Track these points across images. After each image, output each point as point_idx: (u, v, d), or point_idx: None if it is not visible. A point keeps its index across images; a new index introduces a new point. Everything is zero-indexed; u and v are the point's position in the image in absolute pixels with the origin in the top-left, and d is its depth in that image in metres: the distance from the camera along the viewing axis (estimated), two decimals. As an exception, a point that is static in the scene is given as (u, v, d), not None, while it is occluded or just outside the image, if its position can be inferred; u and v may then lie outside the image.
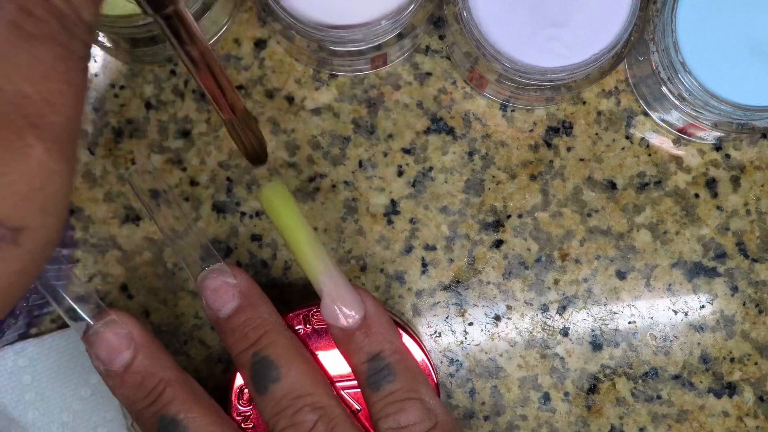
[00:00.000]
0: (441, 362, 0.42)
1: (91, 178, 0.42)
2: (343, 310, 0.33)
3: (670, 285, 0.42)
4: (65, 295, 0.32)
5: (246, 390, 0.36)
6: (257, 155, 0.34)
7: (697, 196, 0.42)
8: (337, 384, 0.35)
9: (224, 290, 0.33)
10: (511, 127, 0.42)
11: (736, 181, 0.42)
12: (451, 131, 0.42)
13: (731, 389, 0.42)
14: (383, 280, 0.42)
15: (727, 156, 0.42)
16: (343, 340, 0.33)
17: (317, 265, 0.33)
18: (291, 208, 0.33)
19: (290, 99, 0.42)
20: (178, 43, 0.28)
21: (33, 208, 0.20)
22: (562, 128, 0.42)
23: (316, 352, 0.36)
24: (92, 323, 0.32)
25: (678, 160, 0.42)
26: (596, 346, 0.42)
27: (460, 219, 0.42)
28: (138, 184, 0.33)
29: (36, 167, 0.20)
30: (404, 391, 0.33)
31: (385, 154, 0.42)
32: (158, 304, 0.42)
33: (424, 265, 0.42)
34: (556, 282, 0.42)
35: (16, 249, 0.20)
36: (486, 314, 0.42)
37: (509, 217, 0.42)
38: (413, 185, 0.42)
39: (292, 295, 0.42)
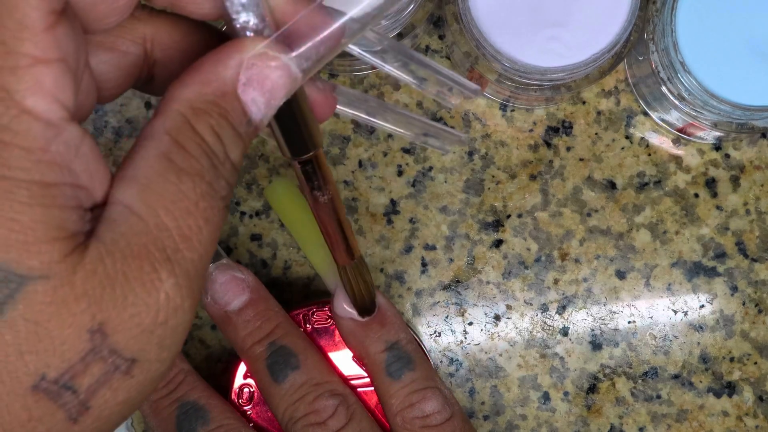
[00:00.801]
0: (441, 362, 0.42)
1: (91, 177, 0.42)
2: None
3: (669, 285, 0.42)
4: None
5: (246, 390, 0.36)
6: (365, 304, 0.34)
7: (696, 195, 0.42)
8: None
9: (234, 284, 0.34)
10: (510, 127, 0.42)
11: (735, 181, 0.42)
12: (450, 131, 0.42)
13: (731, 389, 0.42)
14: (383, 280, 0.42)
15: (727, 156, 0.42)
16: (357, 332, 0.34)
17: (328, 261, 0.34)
18: (299, 204, 0.34)
19: (290, 99, 0.42)
20: (309, 186, 0.27)
21: (152, 342, 0.21)
22: (561, 128, 0.42)
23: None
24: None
25: (678, 159, 0.42)
26: (596, 345, 0.42)
27: (460, 219, 0.42)
28: None
29: (163, 301, 0.20)
30: (423, 380, 0.33)
31: (385, 154, 0.42)
32: (158, 304, 0.42)
33: (424, 264, 0.42)
34: (556, 282, 0.42)
35: (128, 380, 0.20)
36: (486, 314, 0.42)
37: (509, 216, 0.42)
38: (413, 185, 0.42)
39: (292, 295, 0.42)
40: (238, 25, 0.21)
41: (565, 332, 0.42)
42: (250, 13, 0.21)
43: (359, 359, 0.35)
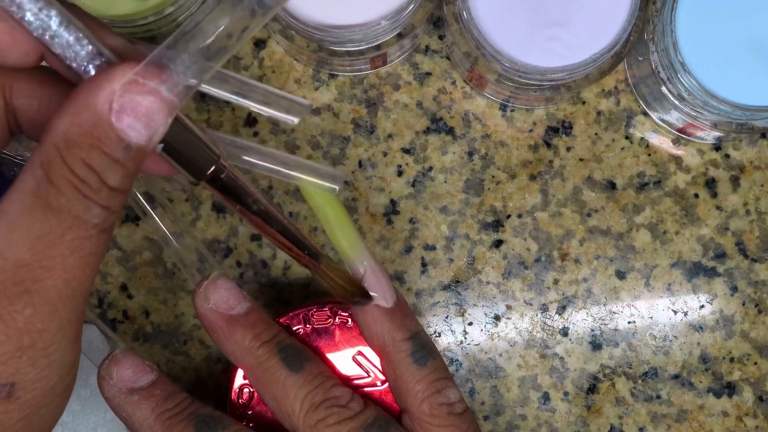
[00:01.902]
0: (441, 362, 0.42)
1: (91, 178, 0.42)
2: (386, 289, 0.34)
3: (669, 285, 0.42)
4: None
5: (246, 390, 0.36)
6: (353, 296, 0.33)
7: (696, 196, 0.42)
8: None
9: (237, 291, 0.34)
10: (510, 127, 0.42)
11: (735, 181, 0.42)
12: (450, 131, 0.42)
13: (731, 389, 0.42)
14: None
15: (727, 156, 0.42)
16: (383, 319, 0.34)
17: (357, 247, 0.34)
18: (334, 198, 0.34)
19: (290, 99, 0.42)
20: (232, 202, 0.27)
21: (23, 363, 0.23)
22: (561, 128, 0.42)
23: (316, 353, 0.36)
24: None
25: (677, 159, 0.42)
26: (596, 346, 0.42)
27: (460, 219, 0.42)
28: (135, 190, 0.33)
29: (23, 328, 0.22)
30: (444, 370, 0.34)
31: (385, 154, 0.42)
32: (158, 304, 0.42)
33: (424, 264, 0.42)
34: (556, 282, 0.42)
35: (13, 402, 0.23)
36: (486, 314, 0.42)
37: (509, 217, 0.42)
38: (413, 185, 0.42)
39: (292, 295, 0.42)
40: (82, 67, 0.22)
41: (565, 332, 0.42)
42: (86, 50, 0.22)
43: (380, 348, 0.34)
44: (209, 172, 0.25)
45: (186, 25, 0.22)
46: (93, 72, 0.22)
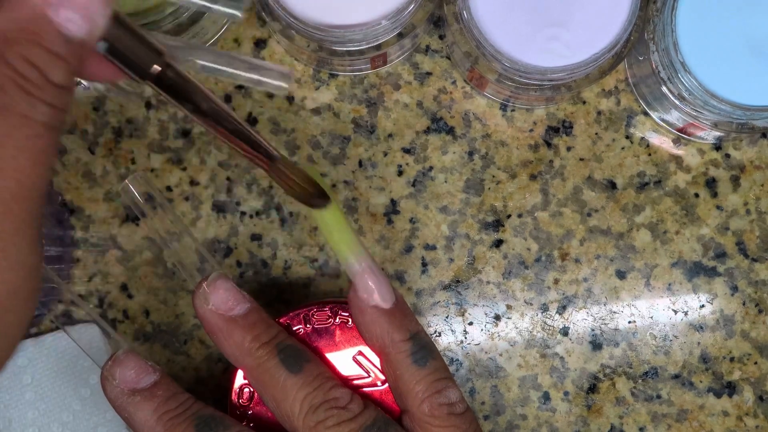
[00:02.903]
0: (441, 362, 0.42)
1: (91, 178, 0.42)
2: (384, 290, 0.33)
3: (669, 285, 0.42)
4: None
5: (246, 390, 0.36)
6: (310, 197, 0.32)
7: (696, 195, 0.42)
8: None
9: (237, 291, 0.34)
10: (511, 127, 0.42)
11: (735, 181, 0.42)
12: (451, 131, 0.42)
13: (731, 389, 0.42)
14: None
15: (727, 156, 0.42)
16: (381, 320, 0.34)
17: (355, 247, 0.33)
18: (329, 189, 0.33)
19: (290, 99, 0.42)
20: (181, 103, 0.26)
21: None
22: (562, 128, 0.42)
23: (316, 352, 0.36)
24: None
25: (678, 159, 0.42)
26: (596, 345, 0.42)
27: (460, 219, 0.42)
28: (134, 189, 0.33)
29: None
30: (444, 370, 0.34)
31: (385, 154, 0.42)
32: (158, 304, 0.42)
33: (424, 264, 0.42)
34: (556, 282, 0.42)
35: None
36: (486, 314, 0.42)
37: (509, 216, 0.42)
38: (413, 185, 0.42)
39: (292, 295, 0.42)
40: None
41: (565, 332, 0.42)
42: None
43: (379, 349, 0.34)
44: (154, 70, 0.25)
45: None
46: None
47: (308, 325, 0.36)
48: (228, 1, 0.28)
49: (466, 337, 0.42)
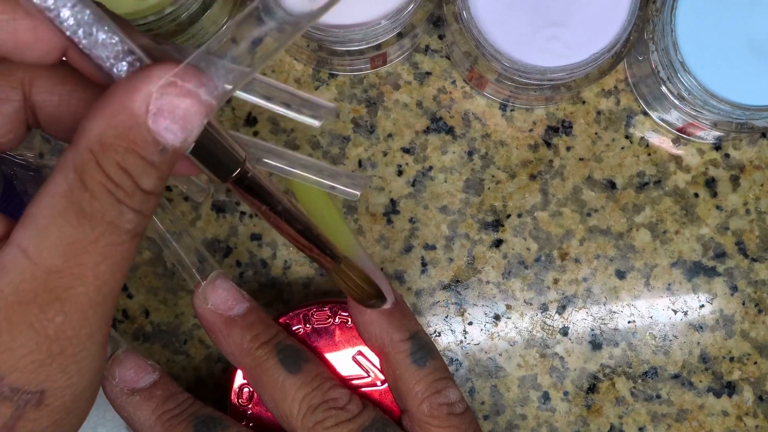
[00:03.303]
0: (441, 362, 0.42)
1: (91, 177, 0.42)
2: (384, 290, 0.34)
3: (669, 284, 0.42)
4: None
5: (246, 390, 0.36)
6: (369, 298, 0.33)
7: (696, 195, 0.42)
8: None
9: (236, 291, 0.34)
10: (510, 127, 0.42)
11: (735, 181, 0.42)
12: (450, 131, 0.42)
13: (731, 389, 0.42)
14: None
15: (727, 155, 0.42)
16: (381, 320, 0.34)
17: (353, 249, 0.33)
18: (321, 191, 0.33)
19: (290, 98, 0.42)
20: (255, 204, 0.27)
21: (53, 371, 0.22)
22: (561, 128, 0.42)
23: (316, 352, 0.36)
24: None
25: (677, 159, 0.42)
26: (596, 345, 0.42)
27: (460, 218, 0.42)
28: None
29: (53, 336, 0.22)
30: (444, 370, 0.34)
31: (385, 154, 0.42)
32: (158, 304, 0.42)
33: (424, 264, 0.42)
34: (556, 281, 0.42)
35: (44, 408, 0.23)
36: (485, 314, 0.42)
37: (509, 216, 0.42)
38: (413, 185, 0.42)
39: (292, 295, 0.42)
40: (109, 64, 0.22)
41: (565, 332, 0.42)
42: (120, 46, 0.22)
43: (379, 349, 0.34)
44: (235, 174, 0.25)
45: (222, 33, 0.22)
46: (125, 71, 0.22)
47: (308, 325, 0.36)
48: (313, 105, 0.28)
49: (465, 337, 0.42)
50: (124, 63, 0.22)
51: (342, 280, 0.32)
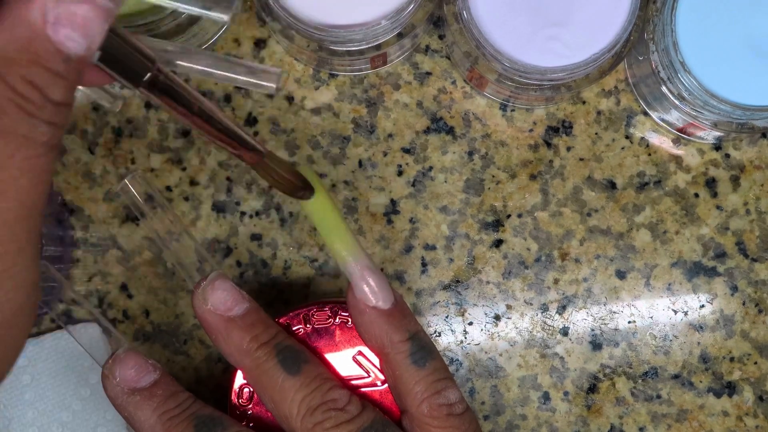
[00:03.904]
0: (441, 362, 0.42)
1: (91, 177, 0.42)
2: (383, 291, 0.33)
3: (669, 284, 0.42)
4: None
5: (246, 390, 0.36)
6: (295, 189, 0.32)
7: (696, 195, 0.42)
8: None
9: (235, 291, 0.34)
10: (510, 127, 0.42)
11: (735, 181, 0.42)
12: (450, 131, 0.42)
13: (731, 389, 0.42)
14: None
15: (727, 155, 0.42)
16: (380, 321, 0.34)
17: (353, 249, 0.33)
18: (322, 191, 0.33)
19: (290, 98, 0.42)
20: (171, 106, 0.27)
21: None
22: (561, 128, 0.42)
23: (316, 352, 0.36)
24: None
25: (678, 159, 0.42)
26: (596, 345, 0.42)
27: (460, 218, 0.42)
28: (133, 190, 0.33)
29: None
30: (444, 370, 0.34)
31: (385, 154, 0.42)
32: (158, 304, 0.42)
33: (424, 264, 0.42)
34: (556, 281, 0.42)
35: None
36: (486, 314, 0.42)
37: (509, 216, 0.42)
38: (413, 185, 0.42)
39: (292, 295, 0.42)
40: None
41: (565, 332, 0.42)
42: None
43: (378, 350, 0.34)
44: (146, 77, 0.25)
45: None
46: None
47: (308, 325, 0.36)
48: (218, 7, 0.28)
49: (465, 337, 0.42)
50: None
51: (268, 175, 0.31)
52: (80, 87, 0.39)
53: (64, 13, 0.21)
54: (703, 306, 0.42)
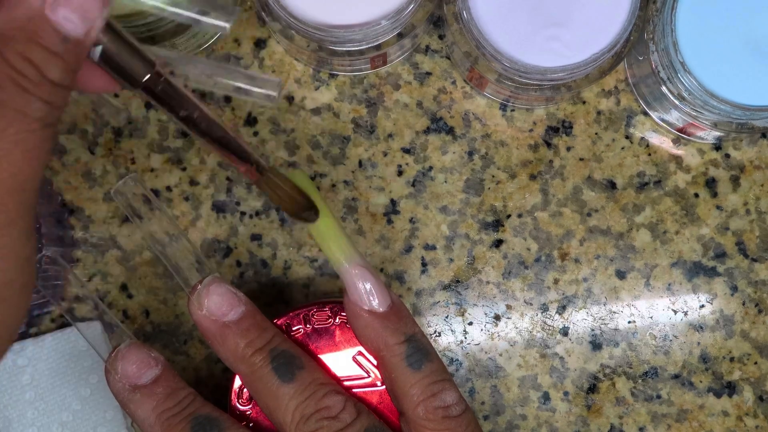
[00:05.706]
0: (441, 362, 0.42)
1: (91, 177, 0.42)
2: (378, 294, 0.33)
3: (669, 284, 0.42)
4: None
5: (246, 390, 0.36)
6: (298, 210, 0.32)
7: (696, 195, 0.42)
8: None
9: (231, 296, 0.33)
10: (510, 127, 0.42)
11: (735, 181, 0.42)
12: (450, 131, 0.42)
13: (731, 389, 0.42)
14: (383, 280, 0.42)
15: (727, 156, 0.42)
16: (375, 324, 0.34)
17: (347, 251, 0.33)
18: (318, 195, 0.33)
19: (290, 99, 0.42)
20: (170, 110, 0.27)
21: None
22: (561, 128, 0.42)
23: (316, 352, 0.36)
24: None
25: (678, 159, 0.42)
26: (596, 345, 0.42)
27: (460, 219, 0.42)
28: (130, 193, 0.33)
29: None
30: (441, 372, 0.33)
31: (385, 154, 0.42)
32: (158, 304, 0.42)
33: (424, 264, 0.42)
34: (556, 282, 0.42)
35: None
36: (486, 314, 0.42)
37: (509, 216, 0.42)
38: (413, 185, 0.42)
39: (292, 295, 0.42)
40: None
41: (565, 332, 0.42)
42: None
43: (375, 352, 0.34)
44: (145, 79, 0.26)
45: None
46: None
47: (308, 325, 0.36)
48: (218, 13, 0.28)
49: (465, 337, 0.42)
50: None
51: (272, 191, 0.31)
52: (86, 94, 0.39)
53: None
54: (703, 306, 0.42)
